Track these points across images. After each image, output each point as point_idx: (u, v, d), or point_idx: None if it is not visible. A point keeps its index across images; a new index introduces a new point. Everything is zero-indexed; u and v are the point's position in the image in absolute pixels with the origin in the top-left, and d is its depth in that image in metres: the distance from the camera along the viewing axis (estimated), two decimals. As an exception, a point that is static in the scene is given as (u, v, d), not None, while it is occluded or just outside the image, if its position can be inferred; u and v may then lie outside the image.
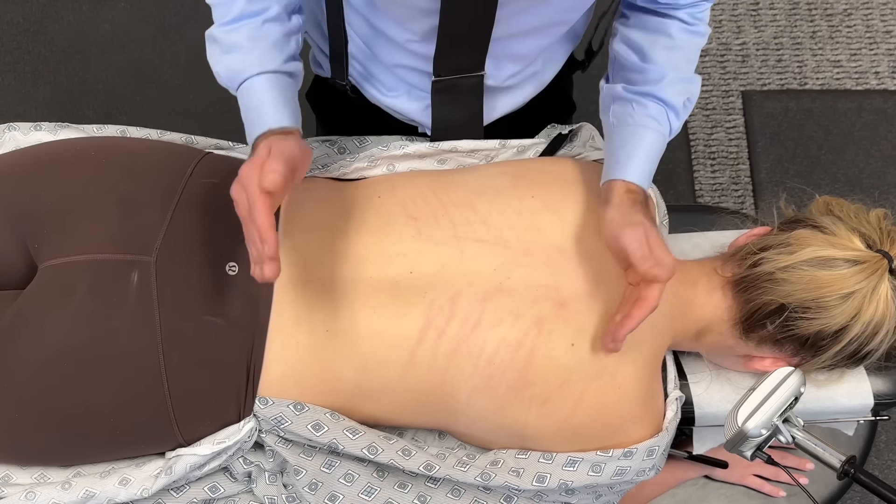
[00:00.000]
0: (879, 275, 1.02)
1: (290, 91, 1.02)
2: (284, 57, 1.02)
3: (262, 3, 1.01)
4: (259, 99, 0.99)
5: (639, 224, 1.00)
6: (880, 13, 2.32)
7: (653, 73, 1.09)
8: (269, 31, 1.01)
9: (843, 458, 1.00)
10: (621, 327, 0.99)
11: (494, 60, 1.11)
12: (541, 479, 1.05)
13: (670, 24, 1.09)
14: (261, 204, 0.89)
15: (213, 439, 1.04)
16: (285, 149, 0.93)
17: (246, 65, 1.00)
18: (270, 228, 0.89)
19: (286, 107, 0.99)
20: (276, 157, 0.92)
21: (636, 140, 1.06)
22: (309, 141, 1.27)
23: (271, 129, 0.97)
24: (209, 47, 1.03)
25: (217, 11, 1.02)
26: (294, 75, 1.04)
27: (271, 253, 0.89)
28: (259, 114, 0.98)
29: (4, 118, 1.28)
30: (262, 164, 0.91)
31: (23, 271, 1.09)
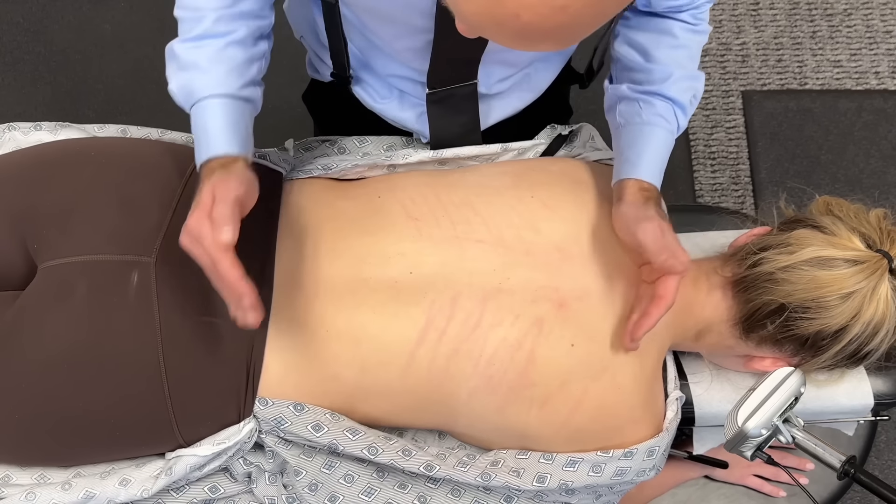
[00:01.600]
0: (879, 275, 1.02)
1: (244, 117, 1.00)
2: (243, 82, 1.00)
3: (229, 24, 1.00)
4: (209, 122, 0.98)
5: (653, 218, 1.00)
6: (880, 13, 2.32)
7: (658, 72, 1.09)
8: (231, 55, 1.00)
9: (843, 458, 1.00)
10: (639, 327, 0.99)
11: (484, 67, 1.11)
12: (541, 480, 1.05)
13: (673, 25, 1.09)
14: (225, 260, 0.90)
15: (213, 440, 1.04)
16: (228, 189, 0.92)
17: (201, 85, 0.98)
18: (242, 280, 0.90)
19: (235, 133, 0.98)
20: (221, 203, 0.91)
21: (645, 138, 1.06)
22: (308, 141, 1.27)
23: (218, 156, 0.96)
24: (168, 61, 1.02)
25: (183, 26, 1.01)
26: (251, 101, 1.02)
27: (251, 304, 0.90)
28: (207, 138, 0.97)
29: (4, 118, 1.27)
30: (210, 215, 0.90)
31: (22, 272, 1.09)
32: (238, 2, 1.01)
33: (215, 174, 0.95)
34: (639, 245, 1.00)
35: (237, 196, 0.93)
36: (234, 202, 0.92)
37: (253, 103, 1.03)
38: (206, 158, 0.97)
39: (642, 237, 0.99)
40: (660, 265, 0.98)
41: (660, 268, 0.99)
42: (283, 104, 1.84)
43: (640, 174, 1.04)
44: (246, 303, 0.90)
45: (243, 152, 0.98)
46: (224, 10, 1.00)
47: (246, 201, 0.95)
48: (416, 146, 1.25)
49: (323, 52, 1.21)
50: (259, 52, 1.04)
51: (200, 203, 0.92)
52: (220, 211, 0.91)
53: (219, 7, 1.00)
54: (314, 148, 1.26)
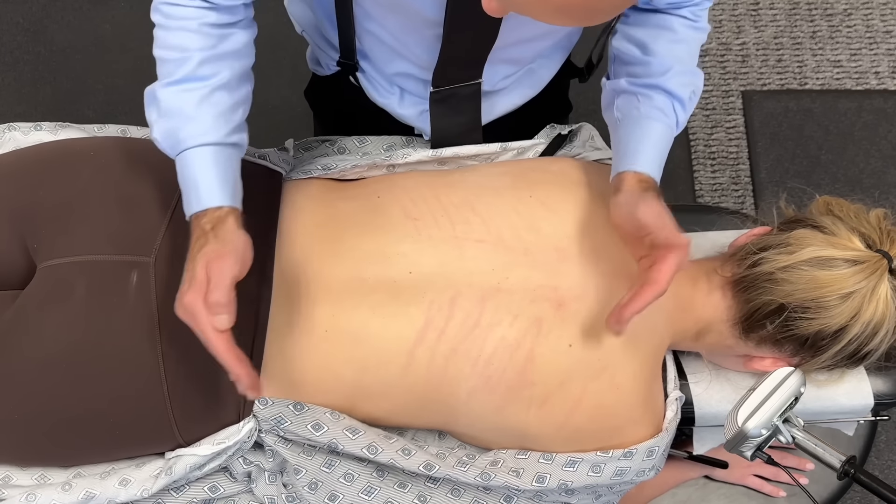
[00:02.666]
0: (879, 275, 1.02)
1: (232, 163, 0.99)
2: (230, 128, 0.98)
3: (213, 67, 0.98)
4: (197, 174, 0.96)
5: (653, 201, 0.98)
6: (880, 13, 2.31)
7: (657, 65, 1.08)
8: (216, 100, 0.98)
9: (843, 458, 1.00)
10: (627, 308, 0.96)
11: (490, 65, 1.11)
12: (540, 480, 1.05)
13: (673, 20, 1.09)
14: (218, 344, 0.91)
15: (213, 439, 1.04)
16: (224, 272, 0.91)
17: (187, 134, 0.96)
18: (237, 362, 0.91)
19: (225, 183, 0.96)
20: (217, 290, 0.90)
21: (643, 131, 1.05)
22: (308, 141, 1.27)
23: (208, 208, 0.95)
24: (148, 105, 0.99)
25: (164, 68, 0.98)
26: (239, 146, 1.00)
27: (247, 384, 0.91)
28: (197, 190, 0.96)
29: (4, 118, 1.27)
30: (206, 299, 0.90)
31: (22, 271, 1.09)
32: (223, 41, 0.99)
33: (209, 245, 0.93)
34: (639, 226, 0.97)
35: (233, 277, 0.92)
36: (231, 285, 0.92)
37: (240, 148, 1.01)
38: (196, 211, 0.95)
39: (642, 216, 0.97)
40: (664, 239, 0.96)
41: (664, 242, 0.96)
42: (283, 104, 1.84)
43: (637, 166, 1.02)
44: (242, 383, 0.92)
45: (233, 203, 0.96)
46: (209, 52, 0.98)
47: (241, 274, 0.94)
48: (416, 145, 1.25)
49: (326, 46, 1.20)
50: (243, 96, 1.02)
51: (195, 281, 0.91)
52: (216, 297, 0.90)
53: (204, 48, 0.97)
54: (314, 148, 1.26)
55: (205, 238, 0.93)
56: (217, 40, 0.98)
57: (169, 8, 0.98)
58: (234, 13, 0.99)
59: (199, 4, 0.97)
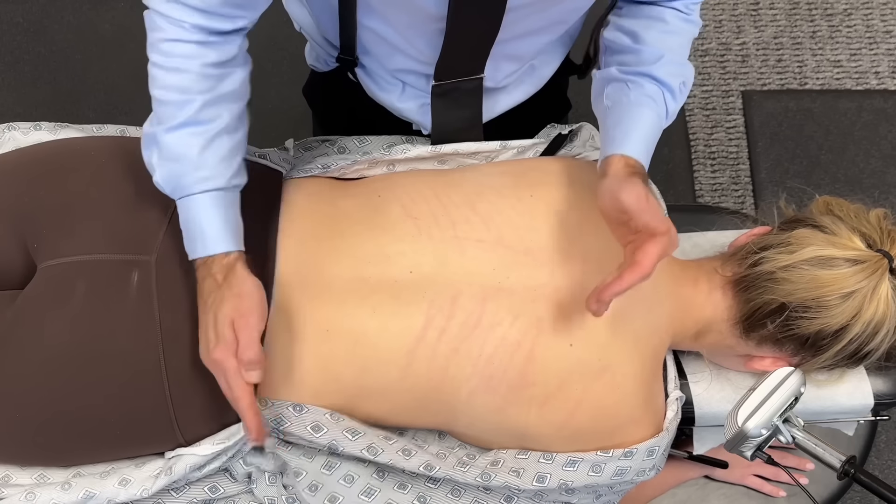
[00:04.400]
0: (880, 274, 1.02)
1: (235, 206, 1.01)
2: (232, 171, 1.00)
3: (214, 111, 0.98)
4: (203, 220, 0.98)
5: (638, 184, 0.96)
6: (880, 13, 2.32)
7: (648, 53, 1.07)
8: (219, 145, 0.99)
9: (843, 458, 1.00)
10: (608, 289, 0.94)
11: (493, 61, 1.11)
12: (541, 479, 1.05)
13: (665, 12, 1.09)
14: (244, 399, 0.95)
15: (213, 439, 1.04)
16: (251, 329, 0.95)
17: (192, 180, 0.98)
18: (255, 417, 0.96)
19: (229, 228, 0.99)
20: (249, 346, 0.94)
21: (633, 118, 1.04)
22: (308, 141, 1.27)
23: (214, 255, 0.98)
24: (147, 147, 0.99)
25: (163, 110, 0.98)
26: (239, 187, 1.03)
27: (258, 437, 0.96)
28: (203, 237, 0.98)
29: (4, 118, 1.27)
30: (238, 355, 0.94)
31: (22, 271, 1.09)
32: (221, 82, 0.99)
33: (227, 301, 0.96)
34: (622, 210, 0.95)
35: (259, 329, 0.96)
36: (258, 337, 0.96)
37: (240, 188, 1.03)
38: (202, 255, 0.98)
39: (625, 198, 0.94)
40: (644, 224, 0.94)
41: (644, 226, 0.94)
42: (283, 104, 1.84)
43: (625, 150, 1.00)
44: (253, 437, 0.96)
45: (239, 245, 1.00)
46: (210, 95, 0.98)
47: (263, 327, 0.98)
48: (416, 143, 1.25)
49: (324, 42, 1.20)
50: (241, 138, 1.03)
51: (223, 339, 0.95)
52: (249, 357, 0.95)
53: (205, 90, 0.97)
54: (314, 147, 1.26)
55: (219, 291, 0.96)
56: (216, 82, 0.98)
57: (169, 45, 0.96)
58: (232, 45, 0.99)
59: (200, 39, 0.96)
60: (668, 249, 0.94)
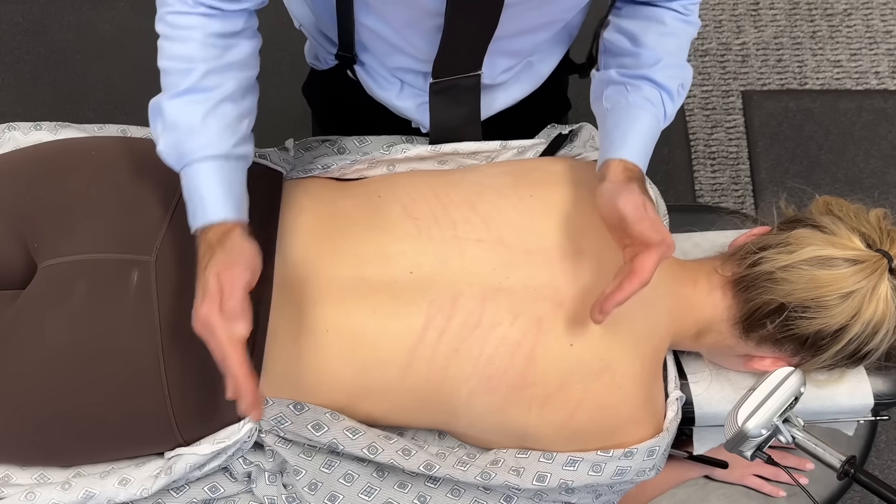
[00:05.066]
0: (879, 274, 1.02)
1: (238, 176, 0.98)
2: (236, 140, 0.98)
3: (218, 78, 0.97)
4: (203, 187, 0.95)
5: (635, 191, 0.98)
6: (880, 13, 2.32)
7: (646, 56, 1.08)
8: (223, 112, 0.97)
9: (843, 458, 1.00)
10: (609, 299, 0.95)
11: (490, 58, 1.11)
12: (541, 479, 1.05)
13: (664, 14, 1.10)
14: (236, 355, 0.90)
15: (213, 439, 1.04)
16: (236, 279, 0.91)
17: (193, 146, 0.96)
18: (248, 378, 0.90)
19: (231, 196, 0.96)
20: (232, 298, 0.91)
21: (631, 121, 1.05)
22: (308, 141, 1.27)
23: (213, 223, 0.95)
24: (153, 118, 0.98)
25: (168, 79, 0.98)
26: (245, 158, 1.00)
27: (252, 402, 0.90)
28: (204, 204, 0.95)
29: (4, 118, 1.27)
30: (221, 307, 0.90)
31: (23, 271, 1.09)
32: (227, 52, 0.98)
33: (216, 256, 0.93)
34: (619, 217, 0.97)
35: (246, 284, 0.92)
36: (245, 292, 0.92)
37: (246, 159, 1.01)
38: (201, 225, 0.95)
39: (622, 206, 0.96)
40: (638, 234, 0.95)
41: (638, 236, 0.96)
42: (283, 104, 1.84)
43: (624, 154, 1.02)
44: (247, 401, 0.90)
45: (239, 216, 0.96)
46: (214, 63, 0.97)
47: (253, 283, 0.94)
48: (416, 142, 1.25)
49: (324, 40, 1.20)
50: (248, 107, 1.01)
51: (209, 293, 0.91)
52: (232, 306, 0.90)
53: (209, 58, 0.97)
54: (314, 148, 1.26)
55: (211, 251, 0.93)
56: (222, 51, 0.98)
57: (174, 17, 0.97)
58: (237, 20, 0.99)
59: (204, 12, 0.96)
60: (665, 256, 0.96)
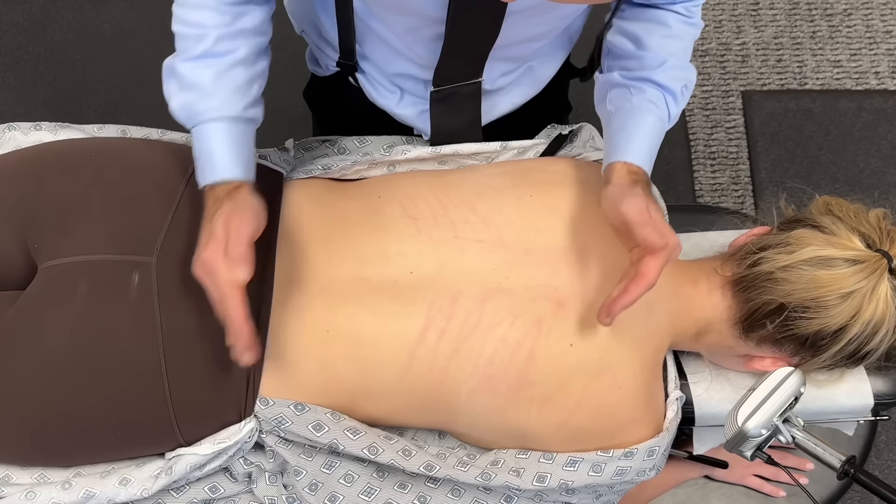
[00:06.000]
0: (879, 274, 1.02)
1: (247, 137, 1.02)
2: (246, 102, 1.01)
3: (231, 43, 1.00)
4: (213, 146, 0.99)
5: (639, 195, 0.99)
6: (880, 13, 2.32)
7: (650, 59, 1.09)
8: (234, 75, 1.01)
9: (843, 458, 1.00)
10: (616, 303, 0.97)
11: (490, 63, 1.11)
12: (541, 479, 1.05)
13: (667, 16, 1.10)
14: (234, 298, 0.92)
15: (214, 439, 1.04)
16: (243, 227, 0.94)
17: (205, 107, 0.99)
18: (245, 321, 0.92)
19: (240, 156, 0.99)
20: (237, 244, 0.93)
21: (635, 123, 1.06)
22: (308, 141, 1.27)
23: (224, 181, 0.98)
24: (166, 78, 1.02)
25: (182, 43, 1.01)
26: (254, 120, 1.04)
27: (246, 346, 0.92)
28: (213, 163, 0.99)
29: (4, 118, 1.27)
30: (226, 251, 0.92)
31: (23, 272, 1.09)
32: (239, 18, 1.01)
33: (224, 205, 0.96)
34: (624, 221, 0.98)
35: (252, 232, 0.95)
36: (250, 240, 0.94)
37: (255, 122, 1.04)
38: (210, 182, 0.98)
39: (626, 210, 0.97)
40: (642, 239, 0.96)
41: (642, 242, 0.97)
42: (283, 104, 1.83)
43: (628, 157, 1.03)
44: (242, 343, 0.93)
45: (247, 176, 1.00)
46: (225, 28, 1.00)
47: (257, 234, 0.96)
48: (416, 143, 1.25)
49: (325, 46, 1.20)
50: (260, 71, 1.04)
51: (215, 237, 0.94)
52: (237, 251, 0.93)
53: (220, 24, 1.00)
54: (314, 148, 1.26)
55: (219, 203, 0.96)
56: (233, 17, 1.01)
57: None
58: None
59: None
60: (671, 259, 0.97)
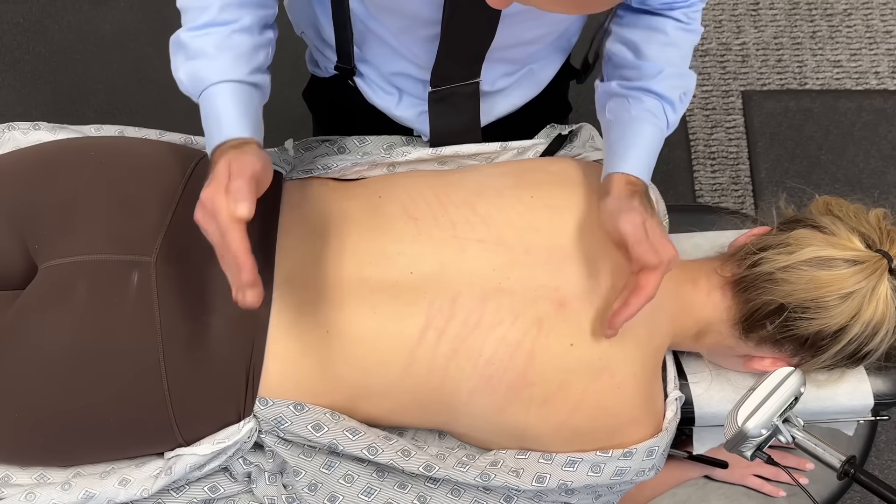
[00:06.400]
0: (879, 275, 1.02)
1: (254, 102, 1.00)
2: (251, 68, 1.00)
3: (235, 13, 1.00)
4: (220, 107, 0.97)
5: (636, 210, 1.00)
6: (880, 13, 2.32)
7: (648, 68, 1.09)
8: (237, 42, 1.00)
9: (843, 458, 1.00)
10: (618, 316, 1.00)
11: (488, 64, 1.11)
12: (540, 480, 1.05)
13: (665, 23, 1.10)
14: (235, 232, 0.88)
15: (213, 439, 1.04)
16: (245, 165, 0.91)
17: (210, 72, 0.98)
18: (247, 254, 0.88)
19: (247, 117, 0.97)
20: (239, 178, 0.89)
21: (634, 133, 1.06)
22: (308, 141, 1.27)
23: (230, 139, 0.95)
24: (173, 52, 1.01)
25: (186, 16, 1.01)
26: (260, 87, 1.02)
27: (250, 280, 0.88)
28: (219, 123, 0.96)
29: (4, 118, 1.27)
30: (227, 187, 0.89)
31: (23, 272, 1.09)
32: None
33: (230, 152, 0.93)
34: (620, 236, 1.00)
35: (254, 171, 0.91)
36: (252, 177, 0.90)
37: (261, 90, 1.02)
38: (218, 143, 0.95)
39: (622, 227, 0.99)
40: (637, 258, 0.98)
41: (637, 260, 0.98)
42: (283, 104, 1.83)
43: (627, 168, 1.04)
44: (245, 278, 0.88)
45: (255, 135, 0.97)
46: None
47: (262, 179, 0.93)
48: (416, 144, 1.25)
49: (325, 47, 1.20)
50: (265, 40, 1.04)
51: (216, 176, 0.90)
52: (237, 185, 0.88)
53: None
54: (314, 148, 1.26)
55: (225, 153, 0.94)
56: None
57: None
58: None
59: None
60: (668, 271, 0.99)
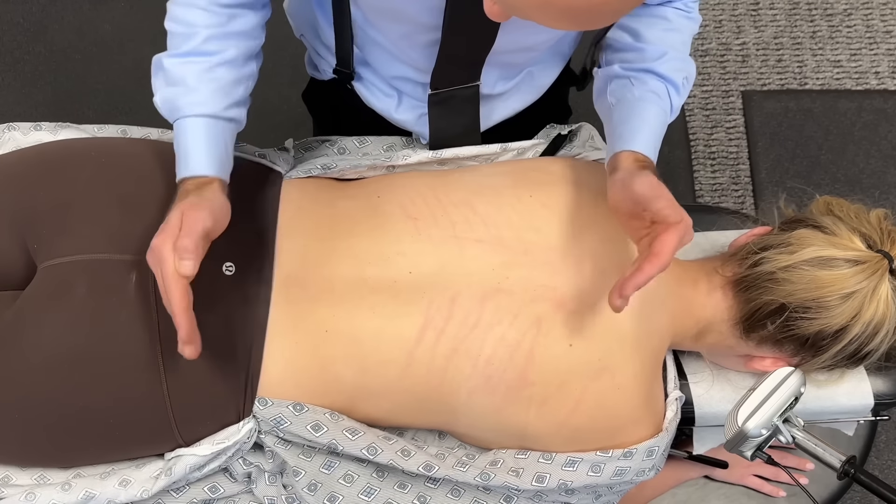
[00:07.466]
0: (880, 275, 1.02)
1: (225, 137, 1.01)
2: (228, 102, 1.01)
3: (220, 44, 1.01)
4: (189, 142, 0.99)
5: (649, 175, 0.97)
6: (880, 13, 2.32)
7: (650, 50, 1.08)
8: (219, 75, 1.01)
9: (843, 458, 1.00)
10: (629, 282, 0.92)
11: (489, 68, 1.11)
12: (540, 479, 1.05)
13: (666, 10, 1.10)
14: (177, 289, 0.91)
15: (213, 440, 1.04)
16: (196, 221, 0.93)
17: (185, 102, 1.00)
18: (184, 313, 0.91)
19: (213, 155, 0.99)
20: (187, 236, 0.92)
21: (638, 113, 1.04)
22: (308, 141, 1.27)
23: (195, 175, 0.98)
24: (154, 73, 1.03)
25: (172, 40, 1.02)
26: (235, 120, 1.04)
27: (184, 338, 0.91)
28: (187, 157, 0.99)
29: (4, 118, 1.27)
30: (175, 243, 0.91)
31: (22, 272, 1.09)
32: (230, 21, 1.02)
33: (189, 197, 0.96)
34: (636, 200, 0.95)
35: (205, 228, 0.93)
36: (201, 235, 0.93)
37: (236, 122, 1.04)
38: (182, 177, 0.99)
39: (638, 188, 0.95)
40: (658, 211, 0.93)
41: (658, 214, 0.94)
42: (283, 104, 1.84)
43: (634, 146, 1.01)
44: (181, 335, 0.92)
45: (220, 174, 0.99)
46: (216, 29, 1.01)
47: (214, 231, 0.96)
48: (416, 146, 1.25)
49: (324, 50, 1.20)
50: (248, 73, 1.05)
51: (168, 226, 0.93)
52: (184, 243, 0.91)
53: (211, 25, 1.00)
54: (314, 148, 1.26)
55: (185, 195, 0.97)
56: (226, 19, 1.01)
57: None
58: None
59: None
60: (684, 238, 0.93)
